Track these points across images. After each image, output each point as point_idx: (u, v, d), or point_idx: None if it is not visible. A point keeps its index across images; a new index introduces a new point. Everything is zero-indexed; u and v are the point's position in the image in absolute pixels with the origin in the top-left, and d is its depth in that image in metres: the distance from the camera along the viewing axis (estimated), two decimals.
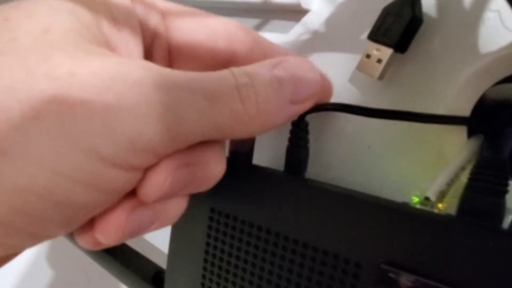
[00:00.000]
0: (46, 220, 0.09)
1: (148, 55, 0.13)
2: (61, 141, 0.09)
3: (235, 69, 0.12)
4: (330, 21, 0.17)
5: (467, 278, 0.12)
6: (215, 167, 0.13)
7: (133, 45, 0.12)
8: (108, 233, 0.11)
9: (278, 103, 0.12)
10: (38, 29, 0.09)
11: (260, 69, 0.12)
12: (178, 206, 0.13)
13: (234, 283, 0.16)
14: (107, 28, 0.11)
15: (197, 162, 0.12)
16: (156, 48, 0.13)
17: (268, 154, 0.19)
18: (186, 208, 0.13)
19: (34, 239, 0.10)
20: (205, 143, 0.12)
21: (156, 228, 0.13)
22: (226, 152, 0.15)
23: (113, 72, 0.09)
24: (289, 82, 0.12)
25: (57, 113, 0.09)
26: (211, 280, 0.17)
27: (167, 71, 0.10)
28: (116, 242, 0.11)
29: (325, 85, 0.15)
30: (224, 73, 0.11)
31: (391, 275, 0.13)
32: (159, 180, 0.11)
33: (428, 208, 0.14)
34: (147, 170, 0.11)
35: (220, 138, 0.12)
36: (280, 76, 0.12)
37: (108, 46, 0.11)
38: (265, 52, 0.15)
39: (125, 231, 0.11)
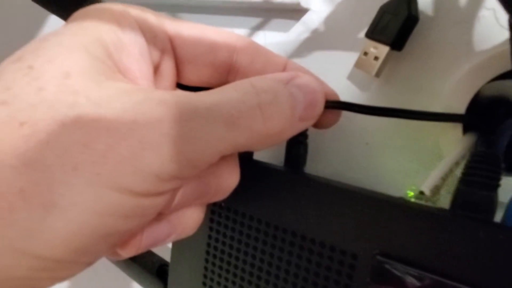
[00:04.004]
0: (97, 251, 0.11)
1: (157, 70, 0.14)
2: (98, 186, 0.09)
3: (256, 82, 0.12)
4: (329, 20, 0.17)
5: (460, 268, 0.12)
6: (229, 178, 0.13)
7: (143, 66, 0.13)
8: (127, 249, 0.12)
9: (292, 121, 0.12)
10: (60, 74, 0.10)
11: (277, 84, 0.12)
12: (195, 216, 0.13)
13: (235, 274, 0.17)
14: (116, 54, 0.12)
15: (210, 175, 0.12)
16: (164, 63, 0.14)
17: (269, 150, 0.19)
18: (203, 218, 0.14)
19: (85, 267, 0.11)
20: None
21: (176, 239, 0.13)
22: None
23: (135, 114, 0.10)
24: (301, 100, 0.12)
25: (91, 162, 0.09)
26: (213, 272, 0.18)
27: (185, 99, 0.10)
28: (135, 254, 0.12)
29: (331, 96, 0.16)
30: (246, 90, 0.11)
31: (386, 266, 0.13)
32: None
33: (422, 202, 0.14)
34: (175, 190, 0.11)
35: (236, 152, 0.12)
36: (294, 93, 0.12)
37: (121, 72, 0.12)
38: (265, 61, 0.15)
39: (142, 246, 0.12)
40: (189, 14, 0.21)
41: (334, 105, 0.16)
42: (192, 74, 0.14)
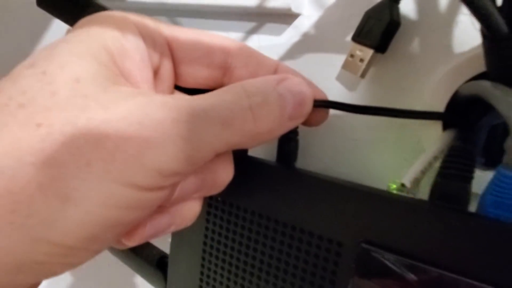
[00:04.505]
0: (105, 239, 0.12)
1: (157, 74, 0.15)
2: (108, 181, 0.10)
3: (247, 86, 0.13)
4: (318, 24, 0.18)
5: (437, 254, 0.13)
6: (223, 173, 0.14)
7: (144, 70, 0.14)
8: (131, 238, 0.13)
9: (282, 120, 0.13)
10: (70, 79, 0.11)
11: (267, 86, 0.13)
12: (193, 209, 0.15)
13: (230, 264, 0.18)
14: (120, 60, 0.12)
15: (206, 170, 0.13)
16: (163, 67, 0.15)
17: (262, 147, 0.20)
18: (200, 210, 0.15)
19: (94, 254, 0.12)
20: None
21: (175, 229, 0.14)
22: None
23: (140, 116, 0.11)
24: (290, 100, 0.13)
25: (102, 159, 0.10)
26: (210, 262, 0.19)
27: (184, 103, 0.11)
28: (139, 243, 0.13)
29: (319, 97, 0.17)
30: (238, 93, 0.12)
31: (370, 253, 0.14)
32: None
33: (404, 194, 0.15)
34: (175, 185, 0.13)
35: (230, 150, 0.13)
36: (283, 94, 0.13)
37: (125, 76, 0.13)
38: (257, 64, 0.16)
39: (146, 235, 0.13)
40: (185, 18, 0.22)
41: (322, 104, 0.17)
42: (189, 77, 0.15)
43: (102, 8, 0.22)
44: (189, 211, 0.14)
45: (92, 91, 0.11)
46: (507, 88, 0.13)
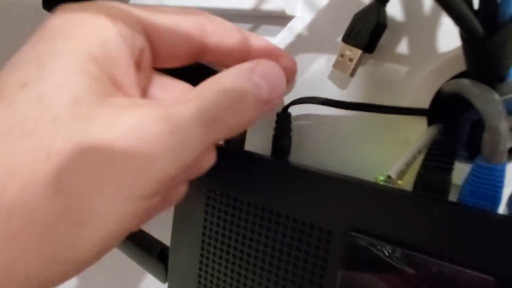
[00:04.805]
0: (114, 246, 0.13)
1: (138, 66, 0.15)
2: (118, 199, 0.11)
3: (224, 83, 0.13)
4: (311, 26, 0.19)
5: (420, 240, 0.14)
6: (207, 159, 0.15)
7: (128, 73, 0.14)
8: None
9: (259, 106, 0.14)
10: (69, 102, 0.11)
11: (242, 79, 0.14)
12: (181, 190, 0.16)
13: (228, 252, 0.19)
14: (108, 69, 0.13)
15: (193, 163, 0.14)
16: (143, 59, 0.15)
17: (258, 142, 0.21)
18: (187, 190, 0.16)
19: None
20: None
21: (167, 209, 0.16)
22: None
23: (140, 132, 0.11)
24: (265, 87, 0.14)
25: (112, 179, 0.11)
26: (208, 252, 0.20)
27: (174, 112, 0.12)
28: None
29: (291, 68, 0.17)
30: (217, 92, 0.13)
31: (358, 240, 0.15)
32: None
33: (390, 184, 0.16)
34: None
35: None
36: (257, 83, 0.14)
37: (113, 83, 0.13)
38: (232, 39, 0.16)
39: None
40: None
41: (315, 101, 0.18)
42: (167, 61, 0.16)
43: None
44: (179, 192, 0.16)
45: (91, 111, 0.11)
46: (484, 85, 0.14)
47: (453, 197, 0.15)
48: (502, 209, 0.14)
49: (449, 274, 0.13)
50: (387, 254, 0.15)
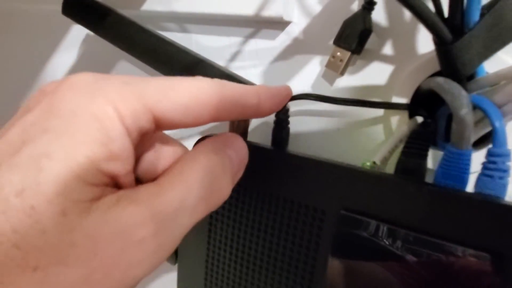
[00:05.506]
0: None
1: (139, 135, 0.14)
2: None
3: (207, 165, 0.14)
4: (306, 30, 0.22)
5: (400, 216, 0.16)
6: None
7: (127, 161, 0.13)
8: None
9: (233, 181, 0.15)
10: (58, 213, 0.11)
11: (221, 157, 0.14)
12: None
13: (232, 233, 0.21)
14: (105, 166, 0.12)
15: None
16: (146, 133, 0.14)
17: (259, 134, 0.24)
18: None
19: None
20: None
21: None
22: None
23: (121, 239, 0.11)
24: (235, 161, 0.15)
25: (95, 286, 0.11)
26: (215, 233, 0.22)
27: (160, 208, 0.12)
28: None
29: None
30: (202, 177, 0.13)
31: (348, 218, 0.17)
32: None
33: (375, 169, 0.18)
34: None
35: None
36: (231, 157, 0.15)
37: (109, 177, 0.12)
38: (251, 109, 0.16)
39: None
40: (193, 25, 0.26)
41: (310, 97, 0.20)
42: (172, 128, 0.15)
43: (119, 17, 0.25)
44: None
45: (77, 222, 0.11)
46: (453, 82, 0.16)
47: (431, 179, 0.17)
48: (470, 189, 0.16)
49: (423, 244, 0.16)
50: (373, 230, 0.17)
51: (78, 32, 0.31)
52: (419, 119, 0.19)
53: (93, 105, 0.12)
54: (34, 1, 0.33)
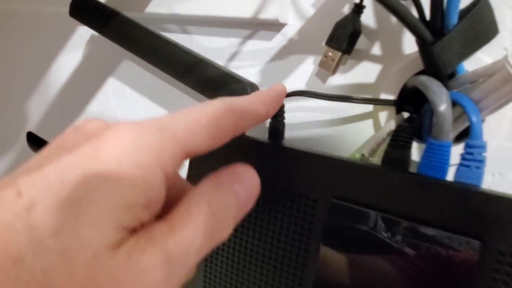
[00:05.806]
0: None
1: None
2: None
3: (212, 204, 0.13)
4: (301, 32, 0.23)
5: (386, 203, 0.17)
6: None
7: (159, 204, 0.13)
8: None
9: (238, 216, 0.15)
10: (88, 256, 0.11)
11: (227, 194, 0.14)
12: None
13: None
14: (140, 213, 0.12)
15: None
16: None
17: (256, 129, 0.25)
18: None
19: None
20: None
21: None
22: None
23: (140, 282, 0.11)
24: (243, 196, 0.15)
25: None
26: None
27: (172, 252, 0.12)
28: None
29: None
30: (206, 216, 0.13)
31: (338, 206, 0.19)
32: None
33: (364, 160, 0.20)
34: None
35: None
36: (238, 192, 0.15)
37: (139, 221, 0.12)
38: (261, 118, 0.17)
39: None
40: (193, 26, 0.27)
41: (305, 94, 0.21)
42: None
43: (124, 19, 0.27)
44: None
45: (105, 265, 0.11)
46: (435, 80, 0.18)
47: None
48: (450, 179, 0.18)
49: (409, 229, 0.17)
50: (363, 217, 0.18)
51: (83, 33, 0.32)
52: (406, 114, 0.21)
53: (137, 154, 0.12)
54: (42, 3, 0.34)
